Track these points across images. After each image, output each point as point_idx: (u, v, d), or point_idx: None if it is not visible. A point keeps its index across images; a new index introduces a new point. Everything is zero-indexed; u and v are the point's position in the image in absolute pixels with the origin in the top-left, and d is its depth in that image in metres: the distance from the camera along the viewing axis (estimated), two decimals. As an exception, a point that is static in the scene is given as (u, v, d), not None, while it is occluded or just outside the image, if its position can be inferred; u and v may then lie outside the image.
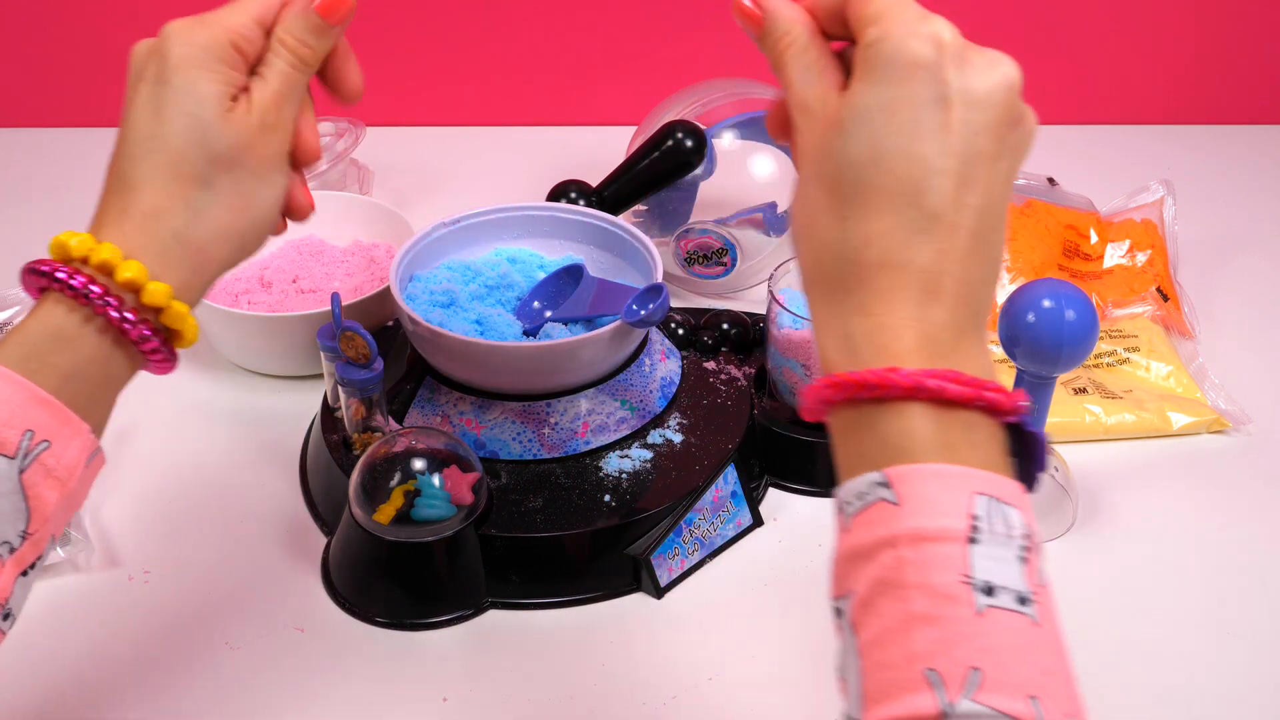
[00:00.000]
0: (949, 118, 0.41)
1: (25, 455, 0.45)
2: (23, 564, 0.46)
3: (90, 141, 1.24)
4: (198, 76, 0.49)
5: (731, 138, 0.99)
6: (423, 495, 0.66)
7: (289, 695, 0.63)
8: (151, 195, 0.49)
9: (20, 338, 0.47)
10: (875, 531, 0.40)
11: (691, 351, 0.83)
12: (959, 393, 0.40)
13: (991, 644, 0.38)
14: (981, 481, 0.40)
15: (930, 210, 0.41)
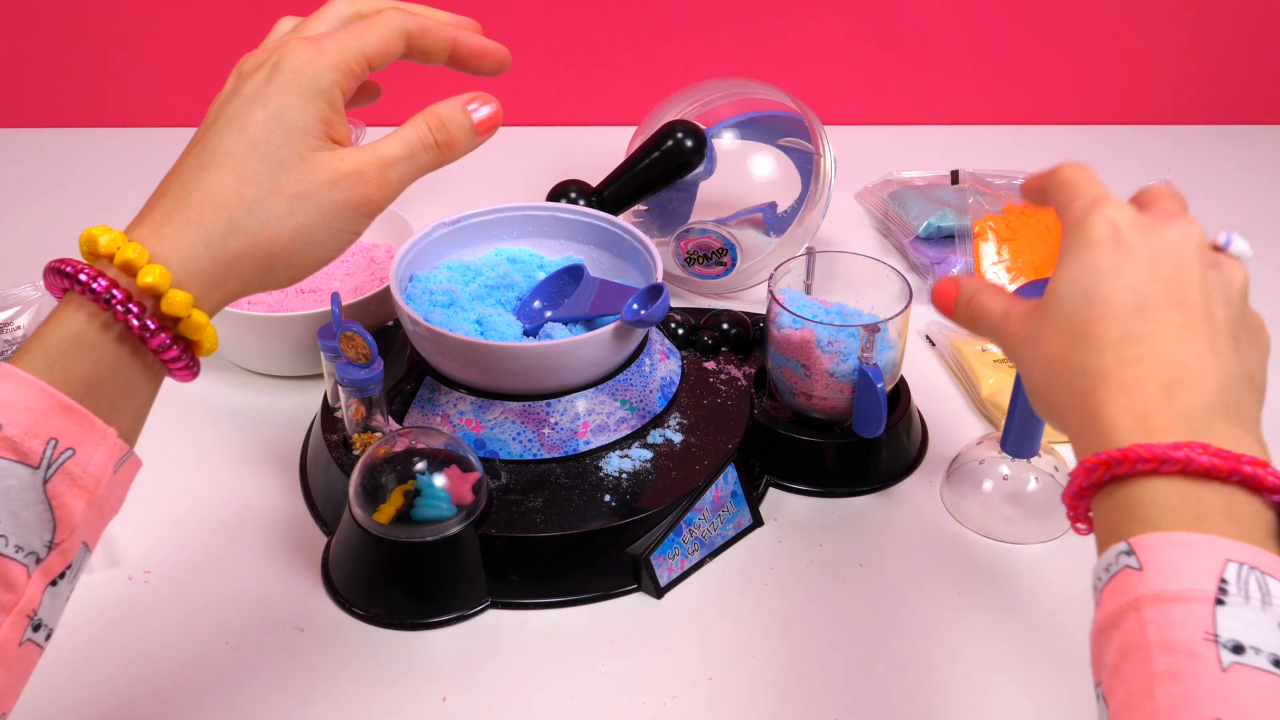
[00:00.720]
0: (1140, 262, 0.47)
1: (49, 465, 0.44)
2: (51, 574, 0.45)
3: (90, 141, 1.24)
4: (295, 106, 0.49)
5: (731, 138, 0.99)
6: (423, 495, 0.66)
7: (289, 695, 0.63)
8: (201, 206, 0.48)
9: (43, 344, 0.46)
10: (1120, 599, 0.41)
11: (691, 351, 0.83)
12: (1208, 464, 0.41)
13: (1237, 700, 0.37)
14: (1237, 551, 0.40)
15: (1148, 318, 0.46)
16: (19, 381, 0.44)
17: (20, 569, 0.44)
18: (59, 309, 0.47)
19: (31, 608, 0.44)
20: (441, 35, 0.54)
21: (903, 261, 1.04)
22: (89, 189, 1.15)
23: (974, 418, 0.85)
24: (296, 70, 0.50)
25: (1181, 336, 0.45)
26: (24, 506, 0.43)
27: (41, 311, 0.88)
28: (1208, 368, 0.45)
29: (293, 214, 0.49)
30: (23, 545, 0.44)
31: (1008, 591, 0.70)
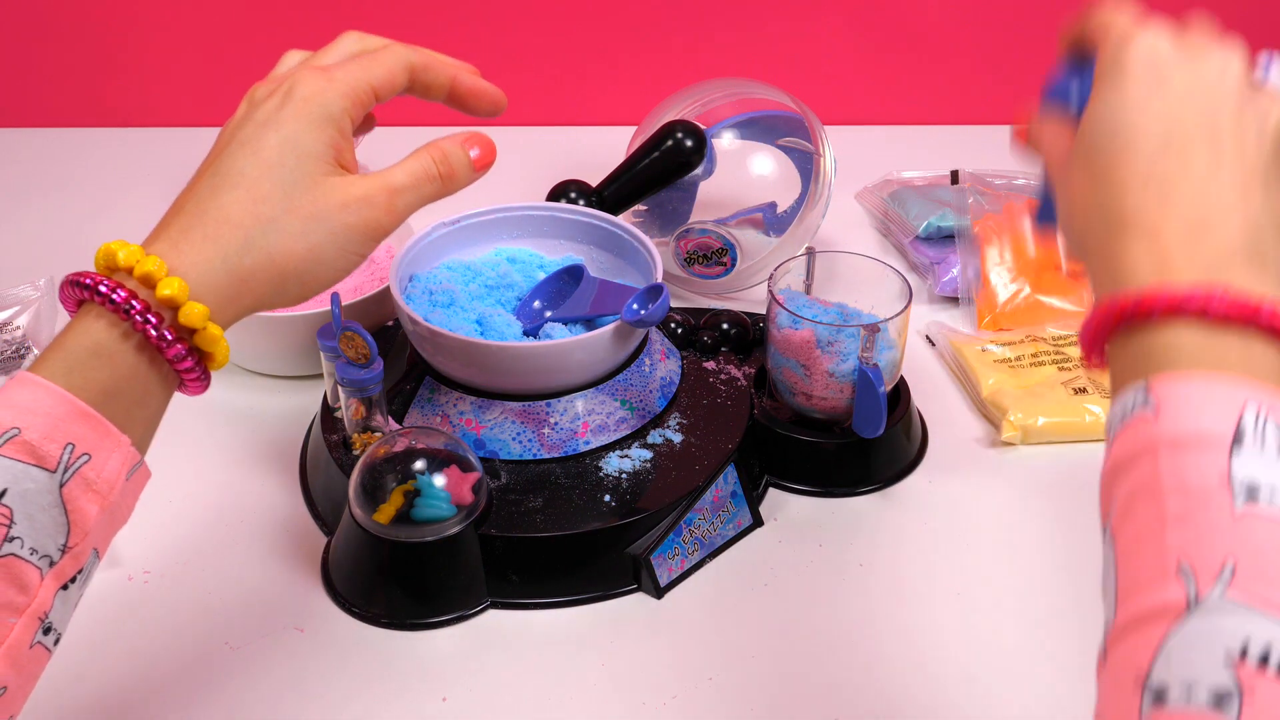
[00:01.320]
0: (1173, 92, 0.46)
1: (66, 469, 0.45)
2: (63, 578, 0.46)
3: (90, 141, 1.24)
4: (307, 131, 0.51)
5: (731, 138, 0.99)
6: (423, 495, 0.66)
7: (289, 695, 0.63)
8: (217, 224, 0.50)
9: (61, 352, 0.47)
10: (1134, 442, 0.41)
11: (691, 351, 0.83)
12: (1228, 307, 0.41)
13: (1252, 542, 0.37)
14: (1256, 394, 0.39)
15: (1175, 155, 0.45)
16: (38, 388, 0.46)
17: (34, 571, 0.44)
18: (77, 319, 0.48)
19: (43, 610, 0.45)
20: (443, 73, 0.58)
21: (903, 261, 1.04)
22: (89, 189, 1.15)
23: (974, 418, 0.85)
24: (308, 98, 0.52)
25: (1210, 176, 0.44)
26: (40, 510, 0.44)
27: (41, 311, 0.88)
28: (1234, 210, 0.44)
29: (306, 234, 0.51)
30: (37, 548, 0.44)
31: (1007, 591, 0.70)
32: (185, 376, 0.50)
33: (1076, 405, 0.81)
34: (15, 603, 0.44)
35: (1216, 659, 0.35)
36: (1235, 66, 0.48)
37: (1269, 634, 0.35)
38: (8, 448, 0.44)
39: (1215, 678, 0.35)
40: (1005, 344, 0.88)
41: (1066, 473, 0.79)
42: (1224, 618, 0.35)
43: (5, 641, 0.43)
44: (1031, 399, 0.82)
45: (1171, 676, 0.35)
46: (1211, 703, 0.34)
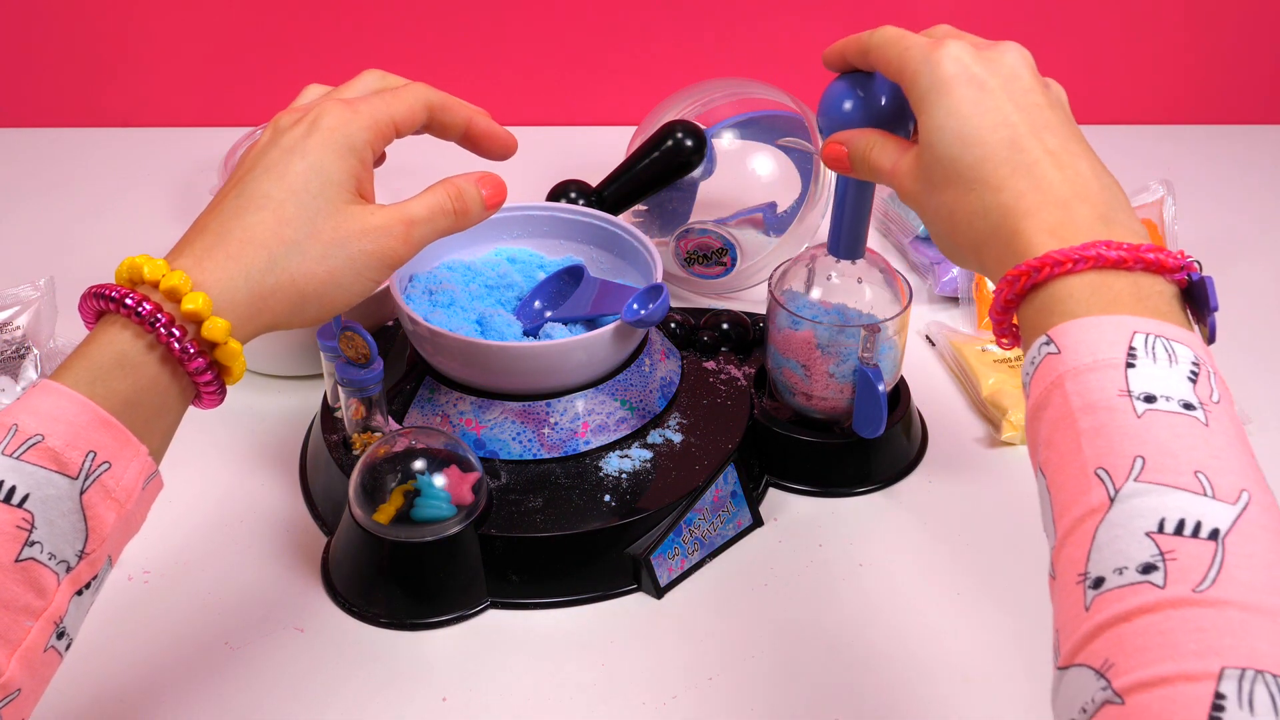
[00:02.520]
0: (996, 93, 0.51)
1: (87, 476, 0.46)
2: (78, 583, 0.47)
3: (90, 141, 1.24)
4: (331, 160, 0.54)
5: (731, 138, 0.99)
6: (423, 495, 0.66)
7: (289, 695, 0.63)
8: (241, 244, 0.51)
9: (85, 361, 0.48)
10: (1044, 382, 0.45)
11: (691, 351, 0.83)
12: (1116, 256, 0.46)
13: (1154, 438, 0.41)
14: (1142, 323, 0.44)
15: (1025, 149, 0.50)
16: (62, 395, 0.47)
17: (52, 576, 0.45)
18: (100, 330, 0.49)
19: (59, 615, 0.46)
20: (459, 114, 0.60)
21: (903, 261, 1.04)
22: (89, 189, 1.15)
23: (974, 417, 0.85)
24: (334, 128, 0.54)
25: (1059, 162, 0.50)
26: (60, 515, 0.45)
27: (41, 311, 0.88)
28: (1089, 182, 0.49)
29: (326, 258, 0.53)
30: (56, 553, 0.45)
31: (1007, 592, 0.70)
32: (204, 389, 0.51)
33: (1076, 405, 0.81)
34: (33, 606, 0.45)
35: (1138, 536, 0.39)
36: (1027, 56, 0.54)
37: (1181, 505, 0.39)
38: (31, 454, 0.45)
39: (1140, 552, 0.39)
40: (1005, 344, 0.88)
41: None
42: (1139, 500, 0.40)
43: (22, 644, 0.44)
44: (1031, 399, 0.82)
45: (1105, 564, 0.39)
46: (1141, 571, 0.38)
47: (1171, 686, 0.35)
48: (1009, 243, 0.49)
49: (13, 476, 0.44)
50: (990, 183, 0.50)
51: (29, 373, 0.83)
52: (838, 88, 0.61)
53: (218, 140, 1.11)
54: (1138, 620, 0.37)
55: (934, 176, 0.53)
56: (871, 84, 0.60)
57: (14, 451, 0.45)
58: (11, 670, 0.44)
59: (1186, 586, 0.37)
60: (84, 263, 1.02)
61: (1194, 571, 0.37)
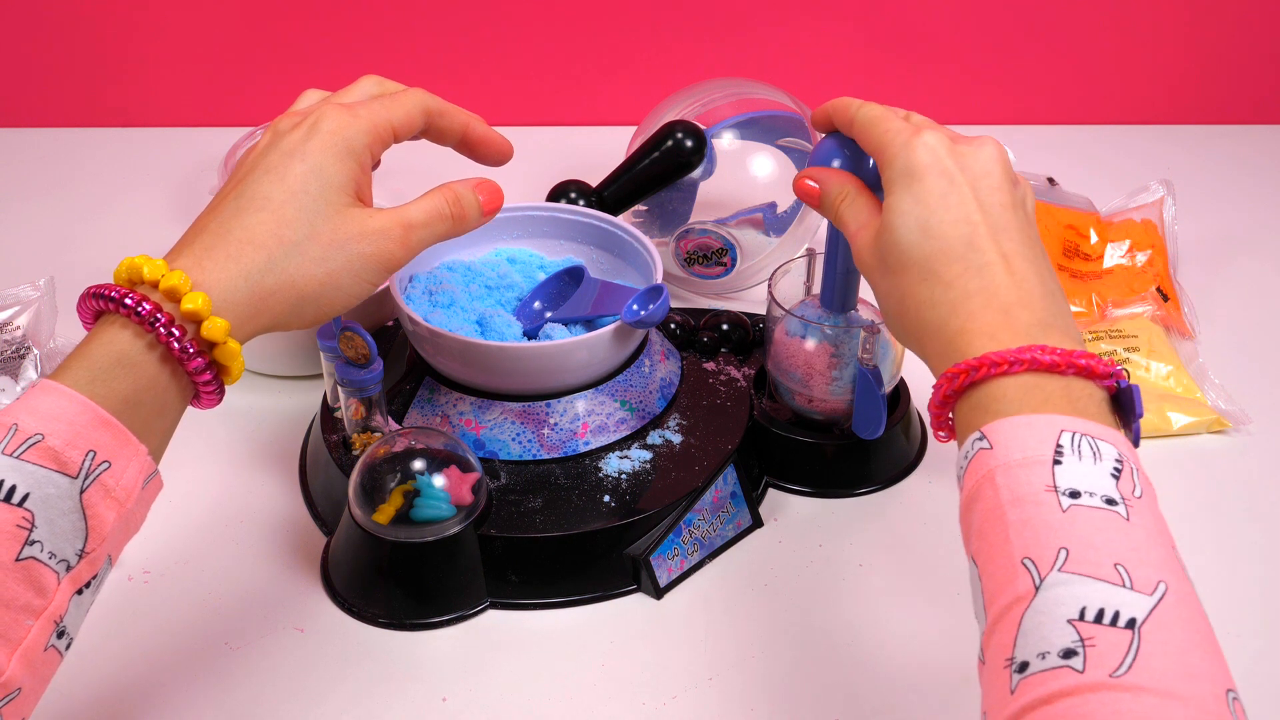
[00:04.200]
0: (963, 190, 0.53)
1: (87, 475, 0.46)
2: (78, 582, 0.47)
3: (90, 141, 1.24)
4: (331, 163, 0.54)
5: (731, 138, 0.99)
6: (422, 495, 0.66)
7: (289, 695, 0.63)
8: (240, 244, 0.52)
9: (85, 360, 0.48)
10: (976, 475, 0.47)
11: (691, 352, 0.83)
12: (1050, 361, 0.48)
13: (1078, 532, 0.43)
14: (1070, 423, 0.46)
15: (981, 250, 0.52)
16: (62, 395, 0.47)
17: (52, 575, 0.45)
18: (99, 330, 0.49)
19: (59, 614, 0.46)
20: (457, 119, 0.60)
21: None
22: (89, 189, 1.15)
23: (974, 418, 0.85)
24: (334, 131, 0.55)
25: (1010, 267, 0.52)
26: (60, 515, 0.45)
27: (41, 311, 0.88)
28: (1034, 289, 0.52)
29: (325, 260, 0.53)
30: (56, 552, 0.45)
31: (1007, 592, 0.70)
32: (203, 389, 0.51)
33: (1076, 405, 0.81)
34: (33, 605, 0.45)
35: (1061, 623, 0.41)
36: (1001, 155, 0.56)
37: (1101, 595, 0.41)
38: (31, 453, 0.45)
39: (1062, 638, 0.40)
40: (1005, 344, 0.88)
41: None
42: (1062, 589, 0.42)
43: (22, 643, 0.44)
44: (1031, 399, 0.82)
45: (1029, 649, 0.41)
46: (1062, 656, 0.40)
47: None
48: (952, 340, 0.51)
49: (13, 475, 0.45)
50: (943, 278, 0.53)
51: (29, 373, 0.83)
52: (827, 145, 0.63)
53: (218, 140, 1.11)
54: (1058, 703, 0.39)
55: (889, 260, 0.55)
56: (858, 147, 0.62)
57: (14, 451, 0.45)
58: (12, 669, 0.44)
59: (1104, 671, 0.39)
60: (84, 263, 1.02)
61: (1111, 658, 0.39)
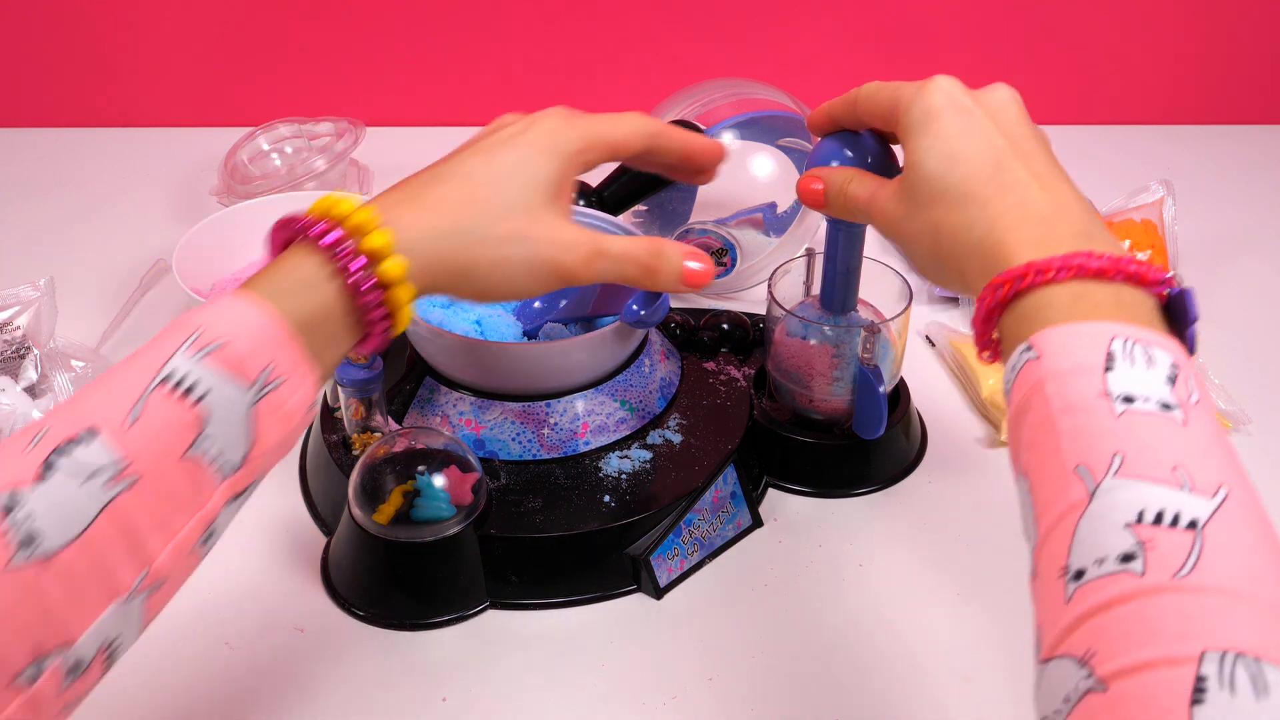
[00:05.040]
0: (983, 120, 0.53)
1: (262, 388, 0.47)
2: (234, 489, 0.47)
3: (90, 141, 1.24)
4: (539, 158, 0.55)
5: (731, 138, 0.99)
6: (422, 495, 0.66)
7: (289, 695, 0.63)
8: (433, 205, 0.53)
9: (272, 279, 0.49)
10: (1025, 386, 0.46)
11: (691, 352, 0.83)
12: (1098, 266, 0.46)
13: (1133, 436, 0.41)
14: (1121, 329, 0.45)
15: (1010, 169, 0.52)
16: (251, 305, 0.47)
17: (213, 477, 0.46)
18: (287, 255, 0.50)
19: (212, 516, 0.47)
20: (675, 139, 0.60)
21: (903, 262, 1.04)
22: (89, 189, 1.15)
23: (974, 418, 0.85)
24: (550, 131, 0.56)
25: (1042, 181, 0.51)
26: (231, 421, 0.46)
27: (41, 311, 0.88)
28: (1071, 202, 0.51)
29: (506, 244, 0.54)
30: (220, 456, 0.46)
31: (1006, 592, 0.70)
32: (372, 327, 0.51)
33: (1076, 405, 0.81)
34: (191, 502, 0.46)
35: (1118, 528, 0.39)
36: (1017, 98, 0.55)
37: (1160, 498, 0.39)
38: (214, 357, 0.46)
39: (1120, 543, 0.39)
40: (1005, 344, 0.88)
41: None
42: (1118, 494, 0.40)
43: (176, 537, 0.45)
44: (1031, 399, 0.82)
45: (1085, 556, 0.40)
46: (1121, 560, 0.39)
47: (1153, 671, 0.35)
48: (993, 255, 0.50)
49: (195, 373, 0.45)
50: (977, 198, 0.51)
51: (29, 373, 0.83)
52: (826, 146, 0.63)
53: (218, 140, 1.11)
54: (1118, 608, 0.38)
55: (919, 196, 0.54)
56: (858, 143, 0.62)
57: (198, 352, 0.46)
58: (162, 559, 0.45)
59: (1166, 574, 0.37)
60: (84, 263, 1.02)
61: (1173, 559, 0.38)
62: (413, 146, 1.28)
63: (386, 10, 1.21)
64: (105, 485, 0.43)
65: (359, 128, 1.08)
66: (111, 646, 0.45)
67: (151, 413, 0.45)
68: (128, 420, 0.44)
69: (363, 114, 1.11)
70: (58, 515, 0.42)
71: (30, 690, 0.42)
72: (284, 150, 1.10)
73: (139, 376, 0.45)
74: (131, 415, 0.44)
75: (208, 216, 0.94)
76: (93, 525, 0.43)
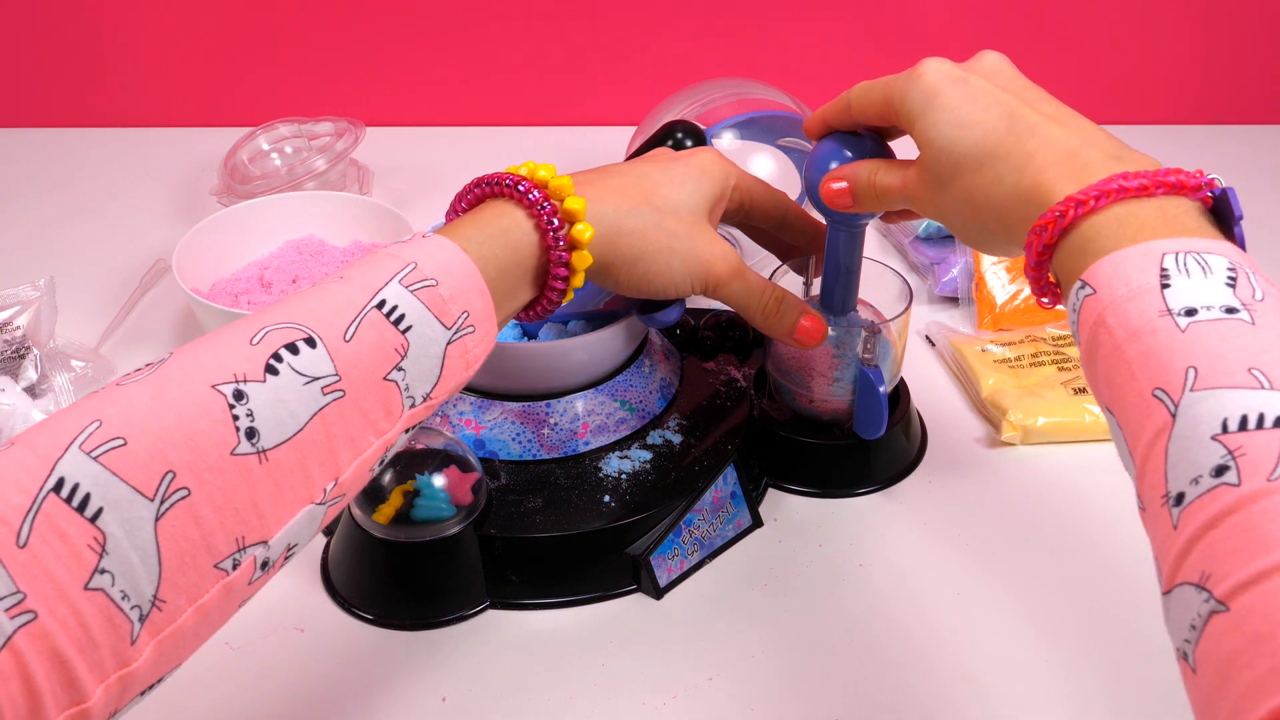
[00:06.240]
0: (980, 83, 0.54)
1: (457, 331, 0.50)
2: (413, 421, 0.50)
3: (90, 141, 1.24)
4: (704, 177, 0.63)
5: (731, 138, 0.99)
6: (422, 495, 0.66)
7: (289, 695, 0.63)
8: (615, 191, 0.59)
9: (476, 225, 0.54)
10: (1089, 324, 0.46)
11: (691, 352, 0.83)
12: (1137, 185, 0.46)
13: (1203, 347, 0.41)
14: (1170, 244, 0.44)
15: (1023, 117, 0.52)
16: (457, 251, 0.51)
17: (402, 404, 0.49)
18: (489, 204, 0.56)
19: (392, 442, 0.50)
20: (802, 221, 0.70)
21: (902, 261, 1.04)
22: (89, 189, 1.15)
23: (974, 418, 0.85)
24: (712, 161, 0.64)
25: (1058, 119, 0.52)
26: (426, 356, 0.49)
27: (41, 311, 0.88)
28: (1093, 131, 0.51)
29: (674, 237, 0.60)
30: (411, 386, 0.49)
31: (1007, 592, 0.70)
32: (551, 285, 0.56)
33: (1076, 405, 0.81)
34: (380, 425, 0.48)
35: (1205, 442, 0.39)
36: (1008, 60, 0.56)
37: (1241, 402, 0.39)
38: (424, 294, 0.49)
39: (1211, 457, 0.38)
40: (1005, 344, 0.89)
41: (1066, 473, 0.79)
42: (1199, 408, 0.40)
43: (363, 455, 0.47)
44: (1031, 399, 0.82)
45: (1181, 478, 0.39)
46: (1215, 475, 0.38)
47: (1271, 580, 0.35)
48: (1030, 198, 0.50)
49: (406, 304, 0.49)
50: (998, 152, 0.52)
51: (29, 373, 0.83)
52: (825, 147, 0.63)
53: (218, 140, 1.11)
54: (1223, 524, 0.37)
55: (941, 171, 0.54)
56: (857, 143, 0.62)
57: (411, 285, 0.49)
58: (349, 474, 0.47)
59: (1261, 478, 0.37)
60: (84, 263, 1.02)
61: (1266, 462, 0.37)
62: (413, 146, 1.29)
63: (386, 10, 1.21)
64: (321, 392, 0.45)
65: (359, 128, 1.08)
66: (292, 550, 0.46)
67: (365, 332, 0.47)
68: (345, 334, 0.47)
69: (363, 114, 1.11)
70: (279, 413, 0.44)
71: (229, 578, 0.43)
72: (284, 150, 1.10)
73: (357, 295, 0.48)
74: (348, 332, 0.47)
75: (208, 216, 0.94)
76: (305, 429, 0.45)
